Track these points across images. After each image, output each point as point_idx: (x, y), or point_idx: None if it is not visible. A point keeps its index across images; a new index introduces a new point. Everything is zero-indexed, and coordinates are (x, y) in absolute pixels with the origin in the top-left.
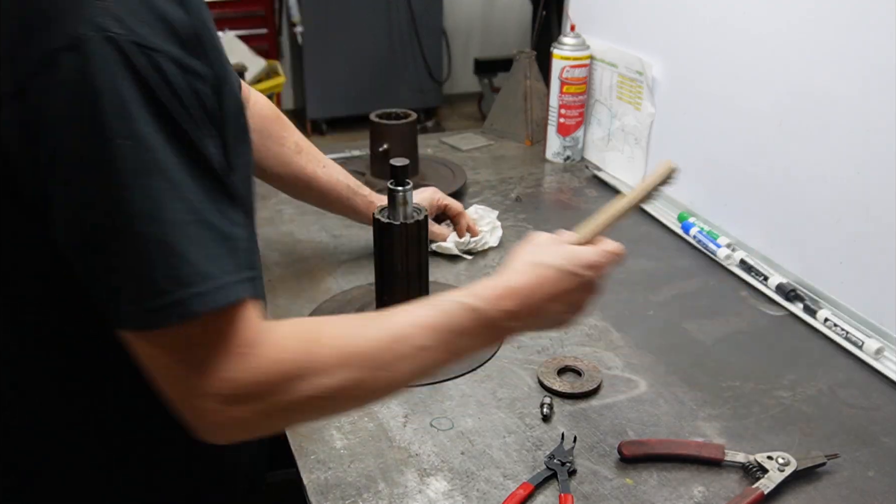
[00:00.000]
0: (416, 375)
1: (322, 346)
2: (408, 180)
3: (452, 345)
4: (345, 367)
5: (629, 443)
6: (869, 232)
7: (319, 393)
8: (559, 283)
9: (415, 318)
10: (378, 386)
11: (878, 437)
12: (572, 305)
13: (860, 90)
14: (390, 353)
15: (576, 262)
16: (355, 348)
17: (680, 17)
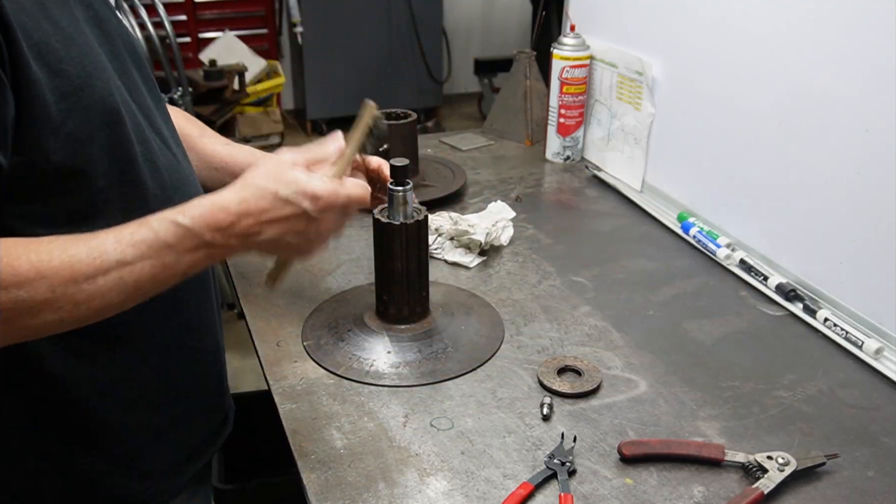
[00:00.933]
0: (123, 290)
1: (20, 259)
2: (408, 180)
3: (158, 259)
4: (41, 279)
5: (629, 443)
6: (869, 232)
7: (16, 305)
8: (274, 208)
9: (119, 236)
10: (79, 299)
11: (878, 437)
12: (298, 235)
13: (860, 90)
14: (90, 267)
15: (295, 189)
16: (55, 262)
17: (680, 17)
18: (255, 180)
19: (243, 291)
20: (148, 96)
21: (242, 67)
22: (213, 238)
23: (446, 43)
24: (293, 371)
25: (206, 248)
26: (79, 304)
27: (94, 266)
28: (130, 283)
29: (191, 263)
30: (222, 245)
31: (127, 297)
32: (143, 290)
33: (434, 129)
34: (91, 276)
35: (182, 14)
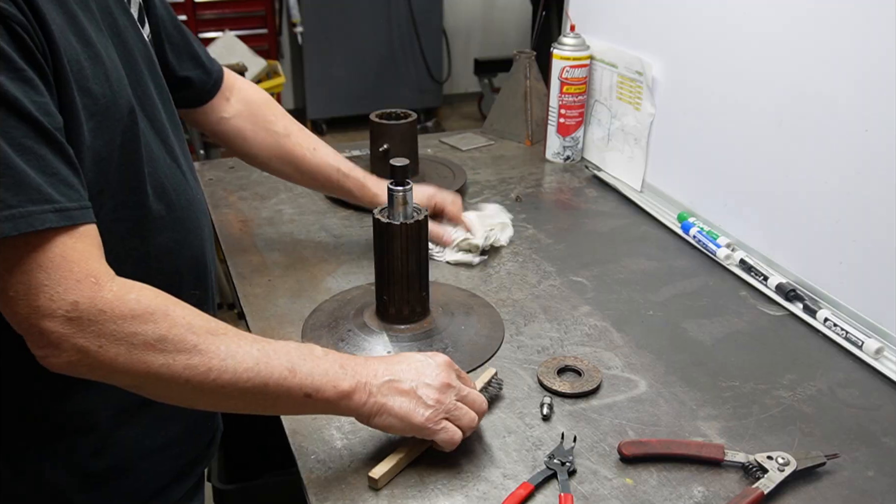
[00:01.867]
0: (247, 382)
1: (177, 307)
2: (408, 180)
3: (292, 364)
4: (191, 332)
5: (629, 443)
6: (869, 232)
7: (158, 342)
8: (401, 358)
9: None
10: (213, 367)
11: (878, 437)
12: (418, 385)
13: (860, 90)
14: (236, 347)
15: (428, 353)
16: (204, 322)
17: (680, 17)
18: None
19: (243, 291)
20: (161, 109)
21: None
22: (359, 373)
23: (446, 43)
24: None
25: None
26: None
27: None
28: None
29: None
30: (364, 383)
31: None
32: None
33: (434, 129)
34: (233, 355)
35: (182, 14)
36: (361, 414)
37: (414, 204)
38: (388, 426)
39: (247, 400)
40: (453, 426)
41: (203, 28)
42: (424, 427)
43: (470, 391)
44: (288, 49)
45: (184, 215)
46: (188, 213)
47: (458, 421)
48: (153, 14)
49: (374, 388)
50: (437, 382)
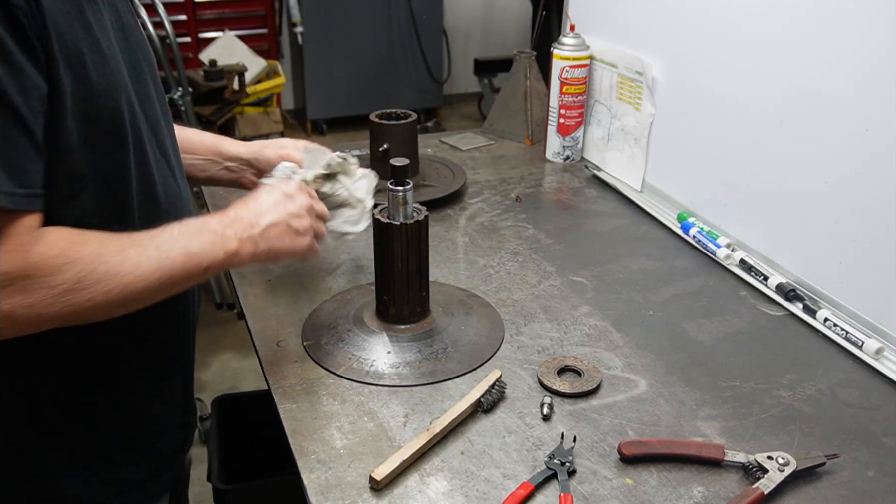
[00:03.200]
0: (146, 270)
1: (86, 244)
2: (408, 180)
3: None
4: (102, 262)
5: (629, 443)
6: (869, 232)
7: (77, 284)
8: (265, 196)
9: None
10: (128, 283)
11: (878, 437)
12: (291, 218)
13: (860, 90)
14: (138, 255)
15: (280, 182)
16: (112, 244)
17: (680, 17)
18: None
19: (243, 291)
20: (158, 108)
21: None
22: (228, 230)
23: (446, 43)
24: (293, 371)
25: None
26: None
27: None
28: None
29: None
30: (235, 237)
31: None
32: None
33: (434, 129)
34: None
35: (182, 14)
36: (255, 261)
37: (414, 204)
38: (279, 262)
39: (161, 292)
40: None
41: (203, 28)
42: (308, 251)
43: (317, 202)
44: (288, 49)
45: (169, 209)
46: (173, 207)
47: (319, 234)
48: None
49: (257, 238)
50: (303, 209)
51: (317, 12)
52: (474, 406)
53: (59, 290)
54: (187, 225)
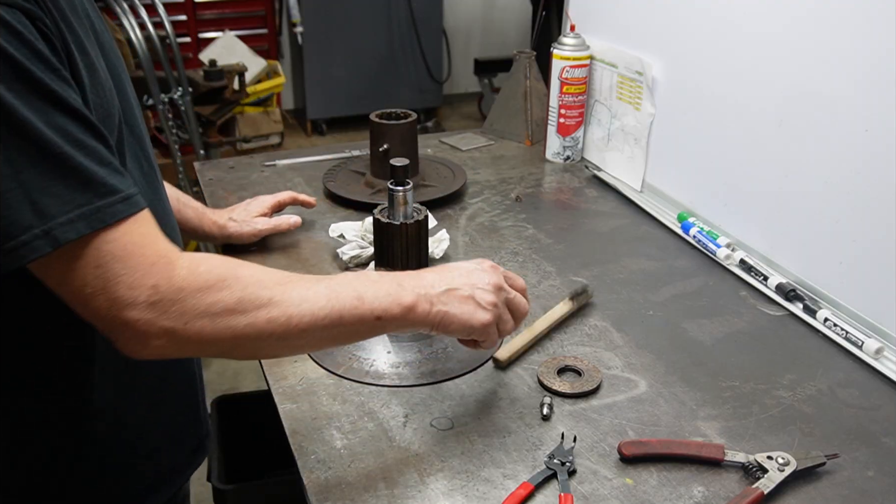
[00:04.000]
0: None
1: (243, 268)
2: (408, 180)
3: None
4: (263, 287)
5: (629, 443)
6: (869, 232)
7: (237, 305)
8: (453, 267)
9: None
10: (292, 314)
11: (878, 437)
12: (475, 289)
13: (860, 90)
14: (306, 290)
15: (475, 261)
16: (272, 275)
17: (680, 17)
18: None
19: None
20: (139, 117)
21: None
22: (410, 285)
23: (446, 43)
24: (293, 371)
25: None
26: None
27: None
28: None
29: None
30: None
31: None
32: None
33: (434, 129)
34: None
35: (182, 14)
36: (427, 323)
37: (414, 204)
38: (452, 332)
39: (327, 336)
40: (502, 330)
41: (203, 28)
42: (484, 329)
43: (516, 295)
44: (288, 49)
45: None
46: (164, 225)
47: (503, 325)
48: None
49: (434, 298)
50: (490, 286)
51: (317, 12)
52: (571, 303)
53: (217, 309)
54: (364, 273)
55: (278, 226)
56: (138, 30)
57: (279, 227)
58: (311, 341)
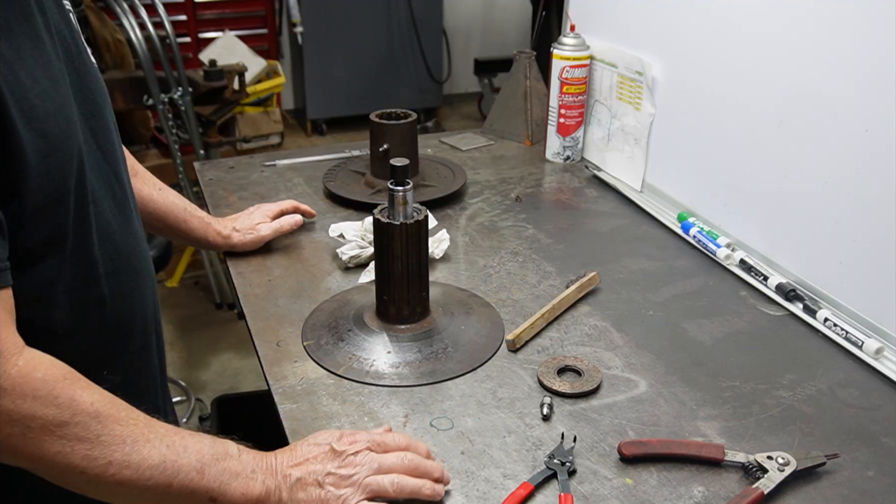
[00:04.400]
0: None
1: (86, 391)
2: (408, 180)
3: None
4: (96, 420)
5: (629, 443)
6: (869, 232)
7: (57, 428)
8: (308, 448)
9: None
10: (114, 461)
11: (878, 437)
12: (326, 475)
13: (860, 90)
14: (143, 441)
15: (335, 434)
16: (114, 411)
17: (680, 17)
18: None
19: (243, 291)
20: (115, 140)
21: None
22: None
23: (446, 43)
24: (293, 371)
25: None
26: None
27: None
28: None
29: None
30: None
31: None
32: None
33: (434, 129)
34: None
35: (182, 14)
36: None
37: (414, 204)
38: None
39: (146, 497)
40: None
41: (203, 28)
42: None
43: (379, 458)
44: (288, 49)
45: (130, 255)
46: (133, 252)
47: (378, 485)
48: None
49: (283, 494)
50: (347, 466)
51: (317, 12)
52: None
53: (33, 424)
54: (219, 442)
55: (281, 228)
56: (138, 30)
57: (282, 229)
58: (126, 496)
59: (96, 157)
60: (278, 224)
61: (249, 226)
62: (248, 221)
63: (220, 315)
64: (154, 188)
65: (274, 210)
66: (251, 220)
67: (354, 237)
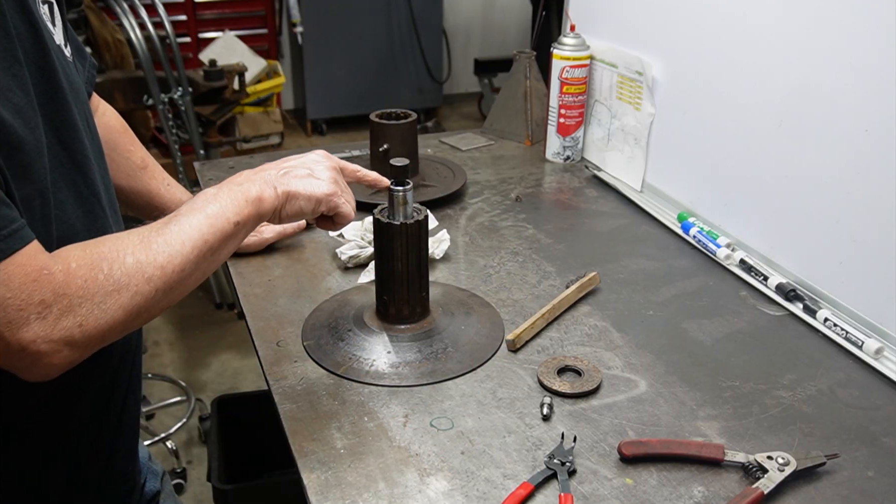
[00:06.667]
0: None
1: (104, 245)
2: (408, 180)
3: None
4: (128, 254)
5: (629, 443)
6: (869, 232)
7: (114, 285)
8: (302, 155)
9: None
10: (163, 263)
11: (878, 437)
12: (311, 166)
13: (860, 90)
14: (164, 238)
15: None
16: (134, 238)
17: (680, 16)
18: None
19: (243, 291)
20: (86, 138)
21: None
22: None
23: (446, 43)
24: (293, 371)
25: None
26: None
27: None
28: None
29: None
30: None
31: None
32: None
33: (434, 129)
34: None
35: (182, 14)
36: (276, 207)
37: (414, 204)
38: (299, 209)
39: (202, 263)
40: (347, 202)
41: (203, 28)
42: (329, 198)
43: (340, 165)
44: (288, 49)
45: None
46: None
47: (348, 199)
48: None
49: (275, 181)
50: (324, 163)
51: (317, 12)
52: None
53: (100, 296)
54: (204, 194)
55: (284, 231)
56: (138, 30)
57: (285, 232)
58: (191, 275)
59: (60, 158)
60: (281, 227)
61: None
62: None
63: (220, 315)
64: (162, 183)
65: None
66: None
67: (354, 237)
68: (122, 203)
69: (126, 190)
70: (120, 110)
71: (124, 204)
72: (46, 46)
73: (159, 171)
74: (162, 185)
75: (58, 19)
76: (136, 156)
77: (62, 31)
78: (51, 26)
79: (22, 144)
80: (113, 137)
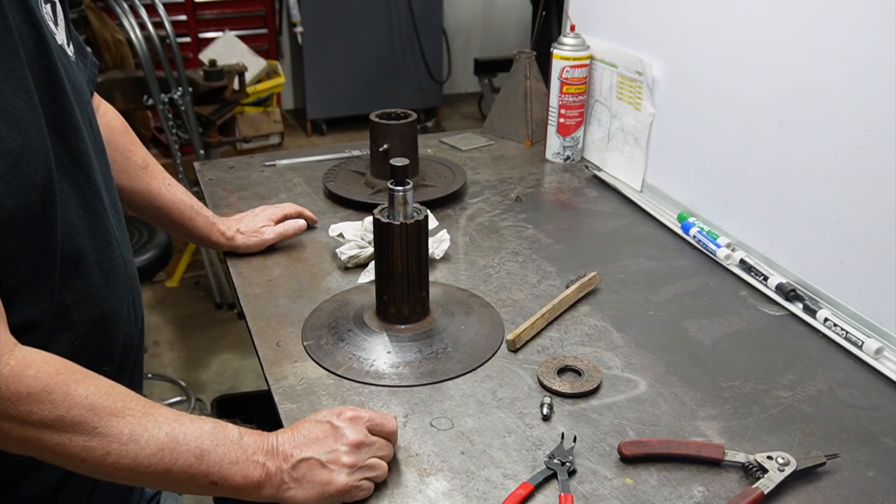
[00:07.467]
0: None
1: (80, 384)
2: (408, 180)
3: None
4: (92, 413)
5: (629, 443)
6: (869, 232)
7: (54, 422)
8: (311, 427)
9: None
10: (112, 451)
11: (878, 437)
12: (330, 454)
13: (860, 90)
14: (140, 430)
15: (335, 411)
16: (110, 402)
17: (680, 16)
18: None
19: (243, 291)
20: (89, 140)
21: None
22: (256, 459)
23: (446, 43)
24: (293, 371)
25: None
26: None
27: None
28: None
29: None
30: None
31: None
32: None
33: (434, 129)
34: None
35: (182, 14)
36: (278, 498)
37: (414, 204)
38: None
39: (147, 482)
40: (368, 482)
41: (203, 28)
42: (343, 493)
43: (378, 441)
44: (288, 49)
45: (105, 266)
46: (116, 275)
47: (373, 478)
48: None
49: (285, 475)
50: (348, 446)
51: (317, 12)
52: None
53: (30, 419)
54: (220, 427)
55: (284, 233)
56: (138, 30)
57: (285, 233)
58: (127, 480)
59: (62, 159)
60: (282, 228)
61: (254, 228)
62: (252, 224)
63: (220, 315)
64: (164, 183)
65: (278, 214)
66: (255, 223)
67: (354, 237)
68: (123, 203)
69: (127, 190)
70: (120, 110)
71: (125, 204)
72: (49, 47)
73: (160, 171)
74: (163, 185)
75: (60, 19)
76: (137, 156)
77: (65, 30)
78: (53, 26)
79: (23, 154)
80: (114, 137)
